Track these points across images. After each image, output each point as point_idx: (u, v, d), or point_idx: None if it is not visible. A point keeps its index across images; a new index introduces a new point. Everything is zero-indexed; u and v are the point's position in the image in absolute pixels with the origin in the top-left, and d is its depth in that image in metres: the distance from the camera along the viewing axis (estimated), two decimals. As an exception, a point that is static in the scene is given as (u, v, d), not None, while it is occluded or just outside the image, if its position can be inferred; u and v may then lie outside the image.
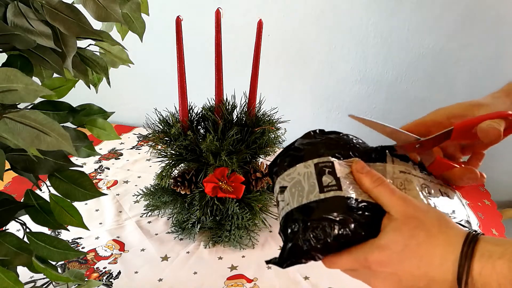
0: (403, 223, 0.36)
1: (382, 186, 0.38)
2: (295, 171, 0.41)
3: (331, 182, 0.38)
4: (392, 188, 0.38)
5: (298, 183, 0.40)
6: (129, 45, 0.61)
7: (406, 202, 0.37)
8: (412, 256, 0.34)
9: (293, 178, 0.40)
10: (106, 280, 0.74)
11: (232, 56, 0.99)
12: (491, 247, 0.32)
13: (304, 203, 0.38)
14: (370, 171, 0.39)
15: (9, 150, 0.46)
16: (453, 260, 0.33)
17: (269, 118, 0.85)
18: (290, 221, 0.39)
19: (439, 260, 0.33)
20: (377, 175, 0.39)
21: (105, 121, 0.56)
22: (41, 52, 0.44)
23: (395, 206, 0.37)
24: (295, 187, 0.40)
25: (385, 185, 0.38)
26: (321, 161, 0.40)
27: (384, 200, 0.37)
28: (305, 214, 0.38)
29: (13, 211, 0.48)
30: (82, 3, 0.45)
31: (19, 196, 0.52)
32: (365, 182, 0.39)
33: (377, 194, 0.38)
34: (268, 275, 0.75)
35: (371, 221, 0.37)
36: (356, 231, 0.37)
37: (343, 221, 0.36)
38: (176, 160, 0.82)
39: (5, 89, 0.34)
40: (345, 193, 0.38)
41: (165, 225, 0.88)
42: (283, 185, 0.41)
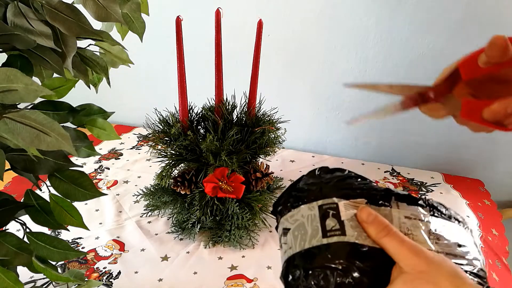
0: (414, 277, 0.34)
1: (390, 236, 0.36)
2: (299, 213, 0.40)
3: (335, 226, 0.37)
4: (401, 237, 0.36)
5: (301, 226, 0.39)
6: (129, 45, 0.61)
7: (417, 255, 0.35)
8: None
9: (297, 220, 0.40)
10: (106, 280, 0.74)
11: (232, 56, 0.99)
12: None
13: (306, 248, 0.37)
14: (376, 219, 0.37)
15: (9, 150, 0.46)
16: None
17: (269, 118, 0.85)
18: (291, 266, 0.38)
19: None
20: (384, 223, 0.37)
21: (105, 121, 0.56)
22: (41, 52, 0.44)
23: (405, 259, 0.35)
24: (298, 230, 0.39)
25: (393, 235, 0.36)
26: (325, 203, 0.39)
27: (393, 251, 0.36)
28: (306, 261, 0.37)
29: (13, 211, 0.48)
30: (82, 3, 0.45)
31: (19, 196, 0.52)
32: (371, 232, 0.37)
33: (385, 245, 0.36)
34: (268, 275, 0.75)
35: (376, 269, 0.36)
36: (359, 280, 0.35)
37: (346, 269, 0.35)
38: (176, 160, 0.82)
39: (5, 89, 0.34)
40: (349, 238, 0.36)
41: (165, 225, 0.88)
42: (286, 226, 0.41)
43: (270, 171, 0.89)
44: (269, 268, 0.76)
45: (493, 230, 0.90)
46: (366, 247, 0.36)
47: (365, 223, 0.37)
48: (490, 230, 0.90)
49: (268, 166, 0.89)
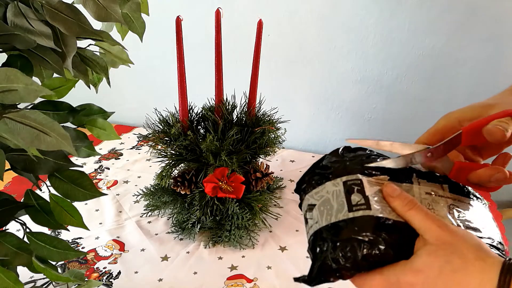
0: (438, 248, 0.35)
1: (415, 209, 0.37)
2: (324, 189, 0.41)
3: (360, 201, 0.38)
4: (425, 211, 0.37)
5: (327, 202, 0.40)
6: (129, 45, 0.61)
7: (441, 227, 0.36)
8: (446, 282, 0.34)
9: (322, 196, 0.41)
10: (106, 280, 0.74)
11: (232, 56, 0.99)
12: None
13: (333, 222, 0.38)
14: (401, 194, 0.39)
15: (9, 150, 0.46)
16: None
17: (269, 118, 0.85)
18: (319, 239, 0.39)
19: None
20: (409, 197, 0.38)
21: (105, 121, 0.56)
22: (41, 52, 0.44)
23: (430, 230, 0.36)
24: (323, 205, 0.40)
25: (417, 208, 0.37)
26: (350, 179, 0.40)
27: (418, 224, 0.37)
28: (334, 234, 0.38)
29: (13, 211, 0.48)
30: (82, 3, 0.45)
31: (19, 196, 0.52)
32: (396, 206, 0.38)
33: (410, 218, 0.37)
34: (268, 275, 0.75)
35: (401, 242, 0.37)
36: (385, 252, 0.36)
37: (372, 241, 0.36)
38: (176, 160, 0.82)
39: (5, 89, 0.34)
40: (374, 213, 0.37)
41: (165, 225, 0.88)
42: (311, 203, 0.42)
43: (270, 171, 0.89)
44: (269, 268, 0.76)
45: (493, 230, 0.90)
46: (391, 220, 0.37)
47: (391, 197, 0.38)
48: (490, 230, 0.90)
49: (268, 166, 0.89)
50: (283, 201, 0.96)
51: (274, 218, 0.89)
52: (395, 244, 0.37)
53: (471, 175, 0.41)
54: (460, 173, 0.42)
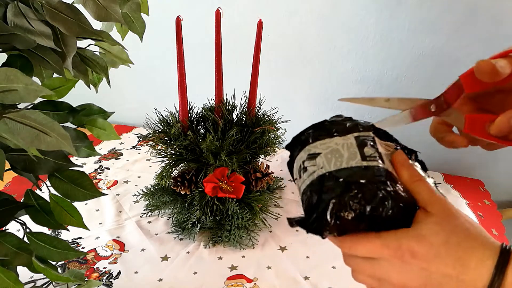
0: (444, 219, 0.35)
1: (423, 182, 0.37)
2: (332, 141, 0.38)
3: (373, 153, 0.37)
4: (432, 187, 0.37)
5: (336, 151, 0.38)
6: (129, 45, 0.61)
7: (445, 203, 0.36)
8: (450, 254, 0.33)
9: (329, 147, 0.38)
10: (106, 280, 0.74)
11: (232, 56, 0.99)
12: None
13: (344, 167, 0.36)
14: (412, 166, 0.38)
15: (9, 150, 0.46)
16: (489, 266, 0.32)
17: (269, 118, 0.85)
18: (328, 181, 0.36)
19: (475, 263, 0.33)
20: (417, 172, 0.38)
21: (105, 121, 0.56)
22: (41, 52, 0.44)
23: (435, 204, 0.36)
24: (331, 153, 0.38)
25: (425, 182, 0.37)
26: (362, 134, 0.38)
27: (424, 195, 0.36)
28: (347, 175, 0.35)
29: (13, 211, 0.48)
30: (82, 3, 0.45)
31: (19, 196, 0.52)
32: (406, 174, 0.38)
33: (417, 189, 0.37)
34: (268, 275, 0.75)
35: (406, 209, 0.36)
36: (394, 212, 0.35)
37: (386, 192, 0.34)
38: (176, 160, 0.82)
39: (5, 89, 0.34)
40: (386, 166, 0.36)
41: (165, 225, 0.88)
42: (314, 152, 0.39)
43: (270, 171, 0.89)
44: (269, 268, 0.76)
45: (493, 230, 0.90)
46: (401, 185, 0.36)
47: (401, 165, 0.38)
48: (490, 230, 0.90)
49: (268, 166, 0.89)
50: (283, 201, 0.96)
51: (274, 218, 0.89)
52: (403, 209, 0.35)
53: (491, 127, 0.37)
54: (476, 126, 0.38)
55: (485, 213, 0.96)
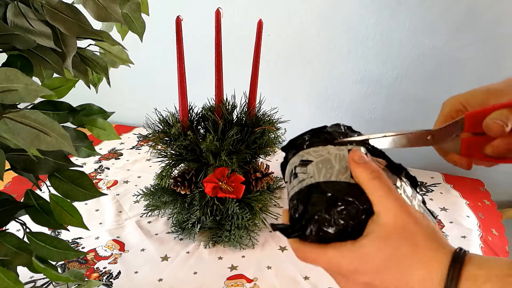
0: (392, 231, 0.33)
1: (379, 180, 0.35)
2: (325, 150, 0.39)
3: None
4: (390, 186, 0.35)
5: (327, 161, 0.38)
6: (129, 45, 0.61)
7: (400, 206, 0.34)
8: (394, 267, 0.32)
9: (322, 155, 0.39)
10: (106, 280, 0.74)
11: (232, 56, 0.99)
12: (475, 271, 0.31)
13: (333, 180, 0.36)
14: (368, 163, 0.36)
15: (9, 150, 0.46)
16: (437, 280, 0.31)
17: (269, 118, 0.85)
18: (315, 191, 0.36)
19: (422, 276, 0.32)
20: (375, 168, 0.36)
21: (105, 121, 0.56)
22: (41, 52, 0.44)
23: (388, 209, 0.34)
24: (323, 163, 0.38)
25: (382, 180, 0.35)
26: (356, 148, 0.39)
27: (378, 197, 0.34)
28: (334, 190, 0.36)
29: (13, 211, 0.48)
30: (82, 3, 0.45)
31: (19, 196, 0.52)
32: (360, 173, 0.35)
33: (372, 189, 0.35)
34: (268, 275, 0.75)
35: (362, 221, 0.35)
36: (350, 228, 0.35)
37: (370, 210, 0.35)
38: (176, 160, 0.82)
39: (5, 89, 0.34)
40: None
41: (165, 225, 0.88)
42: (306, 158, 0.39)
43: (270, 171, 0.89)
44: (269, 268, 0.76)
45: (493, 230, 0.90)
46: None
47: (355, 163, 0.36)
48: (490, 230, 0.90)
49: (268, 166, 0.89)
50: (283, 201, 0.96)
51: (274, 218, 0.89)
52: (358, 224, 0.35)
53: (487, 148, 0.38)
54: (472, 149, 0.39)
55: (485, 213, 0.96)
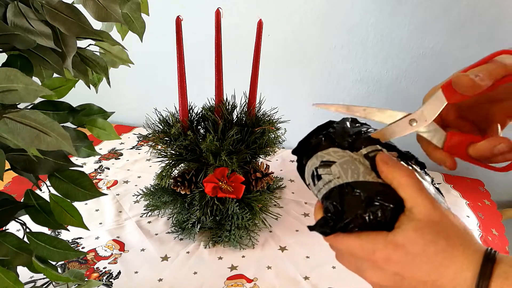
0: (426, 225, 0.33)
1: (411, 178, 0.35)
2: (346, 153, 0.39)
3: None
4: (421, 184, 0.35)
5: (351, 162, 0.38)
6: (129, 45, 0.61)
7: (433, 204, 0.34)
8: (426, 261, 0.33)
9: (343, 156, 0.39)
10: (106, 280, 0.74)
11: (232, 56, 0.99)
12: (508, 269, 0.31)
13: (361, 180, 0.37)
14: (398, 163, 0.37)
15: (9, 150, 0.46)
16: (468, 278, 0.31)
17: (269, 118, 0.85)
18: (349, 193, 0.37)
19: (453, 273, 0.32)
20: (405, 167, 0.37)
21: (105, 121, 0.56)
22: (41, 52, 0.44)
23: (421, 205, 0.34)
24: (347, 164, 0.38)
25: (413, 180, 0.35)
26: (371, 150, 0.39)
27: (411, 194, 0.35)
28: (367, 190, 0.36)
29: (13, 211, 0.48)
30: (82, 3, 0.45)
31: (19, 196, 0.52)
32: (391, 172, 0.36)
33: (404, 186, 0.35)
34: (268, 275, 0.75)
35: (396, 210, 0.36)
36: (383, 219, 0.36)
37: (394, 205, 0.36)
38: (176, 160, 0.82)
39: (5, 89, 0.34)
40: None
41: (165, 225, 0.88)
42: (328, 159, 0.39)
43: (270, 171, 0.89)
44: (269, 268, 0.76)
45: (493, 230, 0.90)
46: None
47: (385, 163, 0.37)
48: (490, 230, 0.90)
49: (268, 166, 0.89)
50: (283, 201, 0.96)
51: (274, 218, 0.89)
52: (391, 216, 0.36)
53: (471, 148, 0.37)
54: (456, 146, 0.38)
55: (485, 213, 0.96)
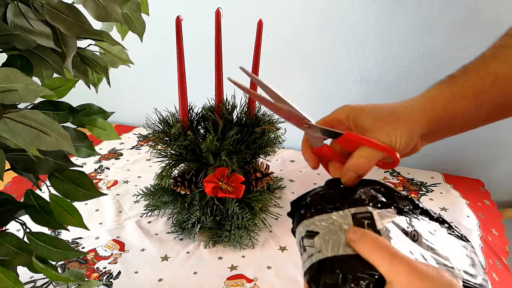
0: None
1: (381, 250, 0.34)
2: (330, 219, 0.38)
3: None
4: (393, 252, 0.34)
5: (334, 233, 0.37)
6: (129, 45, 0.61)
7: (410, 271, 0.32)
8: None
9: (326, 227, 0.38)
10: (106, 280, 0.74)
11: (232, 56, 0.99)
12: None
13: (341, 254, 0.36)
14: (364, 236, 0.35)
15: (9, 150, 0.46)
16: None
17: (269, 118, 0.85)
18: (325, 271, 0.36)
19: None
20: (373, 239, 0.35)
21: (105, 121, 0.56)
22: (41, 52, 0.44)
23: (399, 275, 0.32)
24: (329, 235, 0.37)
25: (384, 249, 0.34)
26: (359, 211, 0.38)
27: (387, 269, 0.33)
28: (344, 267, 0.35)
29: (13, 211, 0.48)
30: (82, 3, 0.45)
31: (19, 196, 0.52)
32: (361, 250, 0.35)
33: (377, 262, 0.34)
34: (268, 275, 0.75)
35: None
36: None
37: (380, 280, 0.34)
38: (176, 160, 0.82)
39: (5, 89, 0.34)
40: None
41: (165, 225, 0.88)
42: (312, 229, 0.39)
43: (270, 171, 0.89)
44: (269, 268, 0.76)
45: (493, 230, 0.90)
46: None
47: (353, 242, 0.36)
48: (490, 230, 0.90)
49: (268, 166, 0.89)
50: (283, 201, 0.96)
51: (274, 218, 0.89)
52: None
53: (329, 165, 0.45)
54: (324, 154, 0.45)
55: (485, 213, 0.96)
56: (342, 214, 0.38)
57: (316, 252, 0.38)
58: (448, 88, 0.44)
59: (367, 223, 0.37)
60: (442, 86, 0.45)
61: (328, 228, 0.38)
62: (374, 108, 0.44)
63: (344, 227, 0.37)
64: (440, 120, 0.43)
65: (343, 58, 1.09)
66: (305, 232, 0.39)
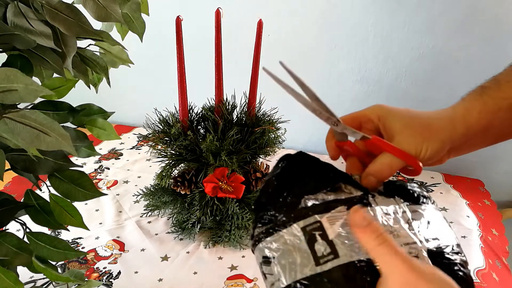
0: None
1: (385, 245, 0.33)
2: (282, 238, 0.36)
3: (325, 250, 0.34)
4: (394, 247, 0.33)
5: (288, 253, 0.35)
6: (129, 45, 0.61)
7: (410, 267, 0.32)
8: None
9: (280, 248, 0.36)
10: (106, 280, 0.74)
11: (232, 56, 0.99)
12: None
13: (299, 278, 0.34)
14: (371, 225, 0.34)
15: (9, 150, 0.46)
16: None
17: (269, 118, 0.85)
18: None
19: None
20: (379, 229, 0.34)
21: (105, 121, 0.56)
22: (41, 52, 0.44)
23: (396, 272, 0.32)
24: (284, 258, 0.35)
25: (387, 244, 0.33)
26: (308, 223, 0.36)
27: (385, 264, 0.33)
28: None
29: (13, 211, 0.48)
30: (82, 3, 0.45)
31: (19, 196, 0.52)
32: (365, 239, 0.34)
33: (378, 255, 0.33)
34: (268, 275, 0.75)
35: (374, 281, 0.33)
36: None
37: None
38: (176, 160, 0.82)
39: (5, 89, 0.34)
40: (343, 260, 0.34)
41: (165, 225, 0.88)
42: (267, 255, 0.36)
43: (270, 171, 0.89)
44: (269, 268, 0.76)
45: (493, 230, 0.90)
46: (361, 262, 0.34)
47: (358, 228, 0.35)
48: (490, 230, 0.90)
49: (268, 166, 0.89)
50: (283, 201, 0.96)
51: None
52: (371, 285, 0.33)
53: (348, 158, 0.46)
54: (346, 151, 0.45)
55: (485, 213, 0.96)
56: (292, 231, 0.36)
57: (275, 281, 0.36)
58: (481, 100, 0.43)
59: (319, 234, 0.35)
60: (474, 98, 0.44)
61: (282, 250, 0.36)
62: (407, 113, 0.43)
63: (298, 245, 0.35)
64: (474, 134, 0.42)
65: (343, 58, 1.09)
66: (261, 258, 0.37)
